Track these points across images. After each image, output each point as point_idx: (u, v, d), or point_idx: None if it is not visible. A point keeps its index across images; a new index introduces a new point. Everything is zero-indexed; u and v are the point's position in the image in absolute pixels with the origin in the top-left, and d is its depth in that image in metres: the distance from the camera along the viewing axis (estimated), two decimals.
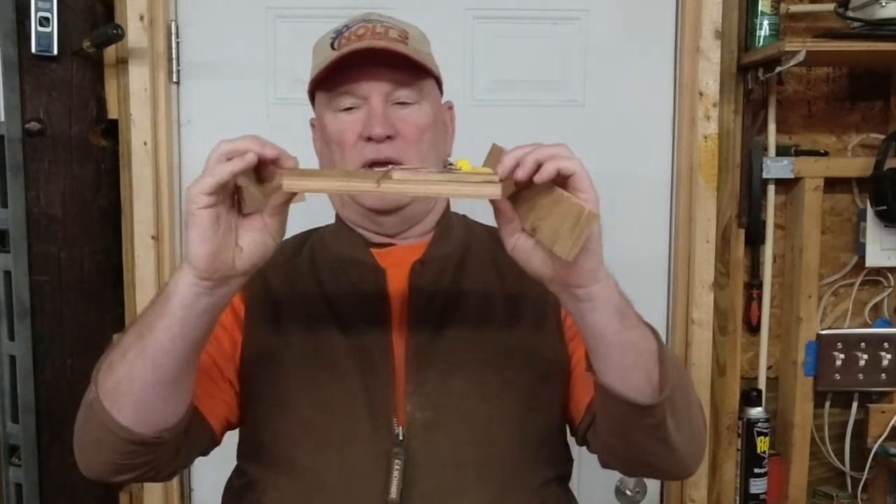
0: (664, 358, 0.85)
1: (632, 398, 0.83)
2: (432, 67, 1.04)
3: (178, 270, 0.79)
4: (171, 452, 0.88)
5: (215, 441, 0.98)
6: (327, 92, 1.01)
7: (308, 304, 0.98)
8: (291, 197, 0.78)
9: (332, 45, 1.00)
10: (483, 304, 1.00)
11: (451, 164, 0.78)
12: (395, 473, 0.89)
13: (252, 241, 0.79)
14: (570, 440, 1.05)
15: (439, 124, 1.05)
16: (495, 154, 0.85)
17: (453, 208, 1.11)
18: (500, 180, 0.74)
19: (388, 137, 0.97)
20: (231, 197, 0.78)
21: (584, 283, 0.79)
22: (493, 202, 0.79)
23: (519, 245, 0.81)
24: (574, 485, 1.07)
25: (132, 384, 0.81)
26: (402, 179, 0.74)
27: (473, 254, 1.05)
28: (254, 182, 0.78)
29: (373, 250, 1.02)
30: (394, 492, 0.88)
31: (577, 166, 0.75)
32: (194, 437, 0.92)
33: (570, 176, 0.75)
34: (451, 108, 1.10)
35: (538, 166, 0.75)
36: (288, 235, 0.85)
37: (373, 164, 0.97)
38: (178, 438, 0.87)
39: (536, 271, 0.81)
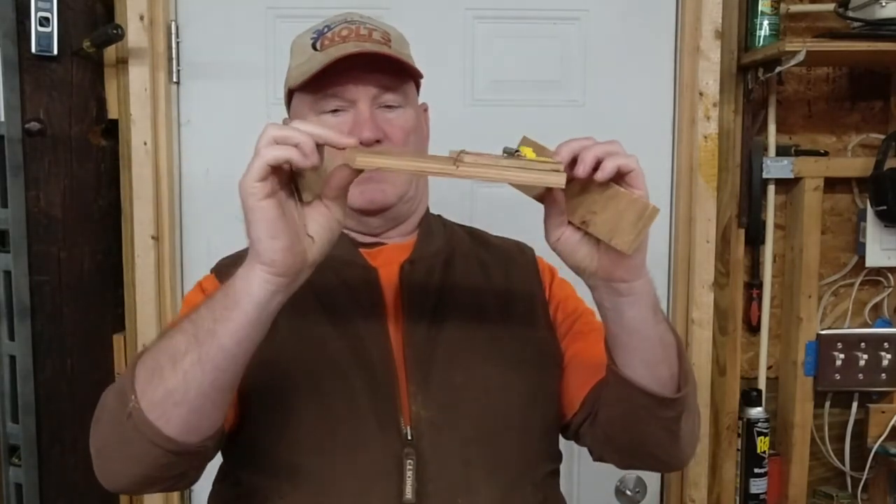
0: (683, 353, 0.87)
1: (656, 391, 0.85)
2: (418, 70, 1.03)
3: (245, 273, 0.75)
4: (202, 461, 0.86)
5: (222, 444, 0.97)
6: (311, 94, 1.00)
7: (301, 307, 0.95)
8: (354, 177, 0.76)
9: (313, 46, 1.00)
10: (474, 300, 1.00)
11: (516, 151, 0.79)
12: (409, 474, 0.88)
13: (321, 228, 0.77)
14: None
15: (420, 127, 1.05)
16: (529, 143, 0.85)
17: (450, 204, 1.11)
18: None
19: (377, 141, 0.96)
20: (288, 186, 0.75)
21: (629, 277, 0.81)
22: (548, 193, 0.80)
23: (564, 237, 0.82)
24: (573, 484, 1.08)
25: (188, 392, 0.77)
26: (474, 163, 0.75)
27: (458, 252, 1.05)
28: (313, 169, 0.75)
29: (362, 250, 1.02)
30: (409, 492, 0.88)
31: (635, 163, 0.77)
32: (217, 442, 0.89)
33: (627, 173, 0.77)
34: (426, 109, 1.10)
35: (597, 163, 0.76)
36: None
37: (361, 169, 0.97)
38: (213, 445, 0.85)
39: (580, 264, 0.82)
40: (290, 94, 1.05)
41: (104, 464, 0.85)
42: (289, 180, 0.75)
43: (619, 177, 0.77)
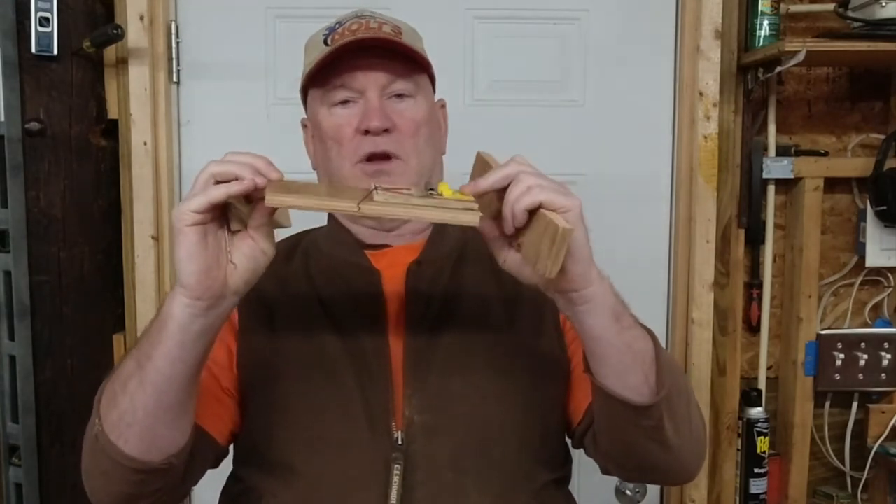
0: (660, 358, 0.85)
1: (629, 399, 0.83)
2: (427, 59, 1.03)
3: (170, 295, 0.79)
4: (180, 476, 0.88)
5: (222, 455, 0.98)
6: (321, 87, 1.00)
7: (303, 309, 0.97)
8: (273, 211, 0.79)
9: (325, 42, 1.00)
10: (480, 304, 0.99)
11: (432, 190, 0.81)
12: (395, 478, 0.88)
13: (244, 256, 0.79)
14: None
15: (434, 121, 1.04)
16: (480, 163, 0.85)
17: None
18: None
19: (386, 130, 0.96)
20: (220, 216, 0.78)
21: (576, 286, 0.80)
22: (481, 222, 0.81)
23: (509, 259, 0.83)
24: (574, 484, 1.07)
25: (136, 414, 0.80)
26: (383, 201, 0.76)
27: (470, 253, 1.04)
28: (241, 200, 0.78)
29: (367, 252, 1.02)
30: (394, 497, 0.88)
31: (541, 194, 0.76)
32: (200, 456, 0.91)
33: (538, 206, 0.76)
34: (443, 106, 1.10)
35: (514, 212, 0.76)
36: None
37: (370, 158, 0.97)
38: (185, 461, 0.87)
39: (529, 280, 0.83)
40: (305, 94, 1.05)
41: (88, 482, 0.88)
42: (221, 212, 0.78)
43: (538, 205, 0.76)
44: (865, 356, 1.68)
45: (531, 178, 0.77)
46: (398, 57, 0.98)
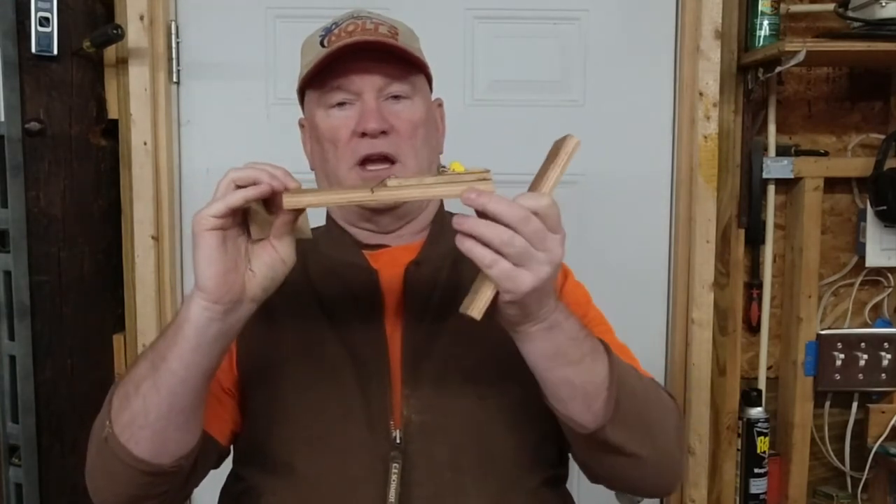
0: (613, 385, 0.82)
1: (570, 425, 0.84)
2: (423, 61, 1.03)
3: (188, 299, 0.80)
4: (185, 478, 0.88)
5: (224, 455, 0.99)
6: (318, 89, 1.00)
7: (301, 309, 0.98)
8: (295, 217, 0.79)
9: (321, 43, 0.99)
10: None
11: (443, 168, 0.81)
12: (394, 478, 0.88)
13: (263, 264, 0.80)
14: None
15: (431, 121, 1.04)
16: (553, 152, 0.84)
17: (447, 208, 1.11)
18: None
19: (383, 132, 0.96)
20: (241, 223, 0.79)
21: (509, 324, 0.80)
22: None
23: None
24: (574, 484, 1.07)
25: (148, 416, 0.81)
26: (397, 186, 0.76)
27: None
28: (262, 209, 0.79)
29: (365, 252, 1.02)
30: (392, 496, 0.88)
31: (493, 267, 0.73)
32: (204, 457, 0.91)
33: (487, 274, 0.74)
34: (440, 105, 1.09)
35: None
36: None
37: (367, 160, 0.97)
38: (192, 463, 0.87)
39: None
40: (302, 95, 1.05)
41: (93, 484, 0.88)
42: (241, 219, 0.79)
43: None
44: (865, 356, 1.68)
45: (505, 241, 0.72)
46: (394, 58, 0.98)
